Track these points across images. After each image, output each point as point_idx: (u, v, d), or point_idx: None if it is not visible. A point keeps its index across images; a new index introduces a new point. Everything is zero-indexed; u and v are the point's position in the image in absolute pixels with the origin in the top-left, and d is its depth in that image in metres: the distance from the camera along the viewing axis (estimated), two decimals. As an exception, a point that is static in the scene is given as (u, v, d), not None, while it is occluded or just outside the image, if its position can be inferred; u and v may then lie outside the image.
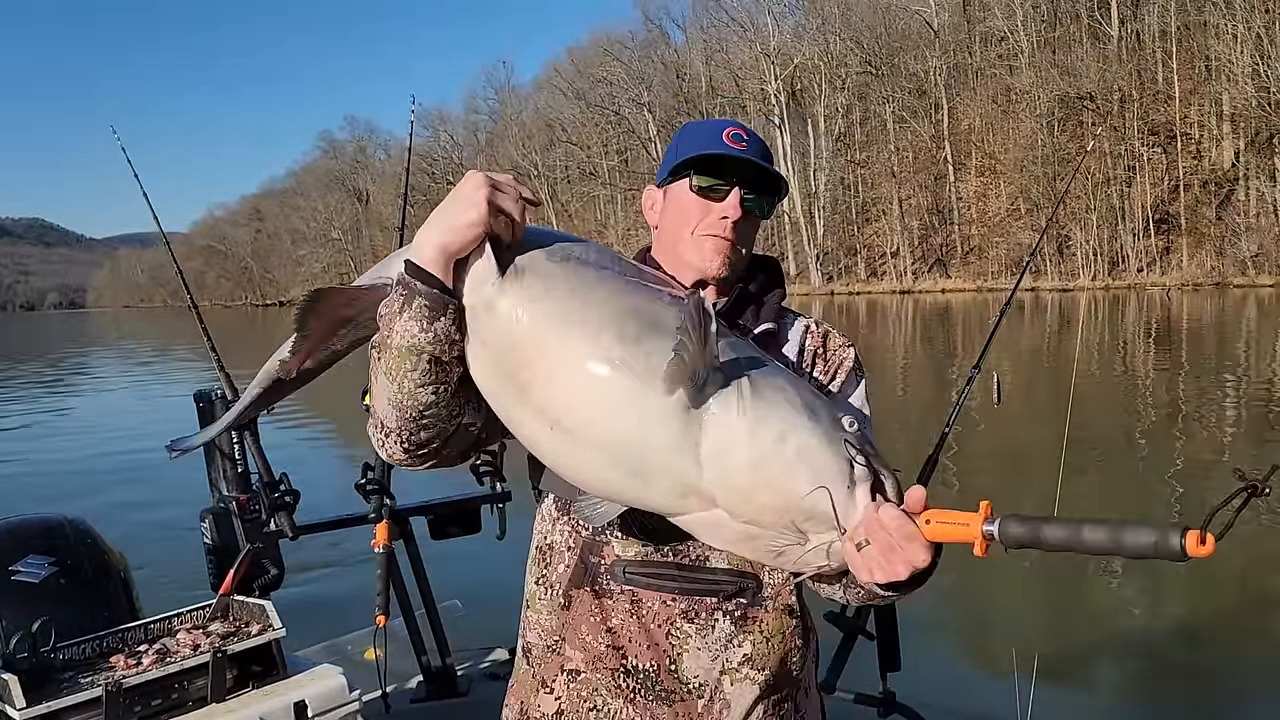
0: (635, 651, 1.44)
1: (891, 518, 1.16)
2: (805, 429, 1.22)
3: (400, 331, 1.31)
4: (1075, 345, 23.45)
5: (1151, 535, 1.03)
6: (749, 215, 1.56)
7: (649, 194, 1.67)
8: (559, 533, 1.52)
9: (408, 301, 1.31)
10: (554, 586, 1.51)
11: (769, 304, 1.62)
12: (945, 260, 69.99)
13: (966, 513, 1.13)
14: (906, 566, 1.16)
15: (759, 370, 1.28)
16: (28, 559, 2.80)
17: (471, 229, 1.30)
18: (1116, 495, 8.74)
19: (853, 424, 1.25)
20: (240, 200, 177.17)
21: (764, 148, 1.60)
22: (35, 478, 11.24)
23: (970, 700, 4.42)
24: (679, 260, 1.58)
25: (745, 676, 1.45)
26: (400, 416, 1.37)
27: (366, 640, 3.32)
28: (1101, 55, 63.11)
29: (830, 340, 1.64)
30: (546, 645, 1.51)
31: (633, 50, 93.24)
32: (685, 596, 1.44)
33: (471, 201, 1.30)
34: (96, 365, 32.21)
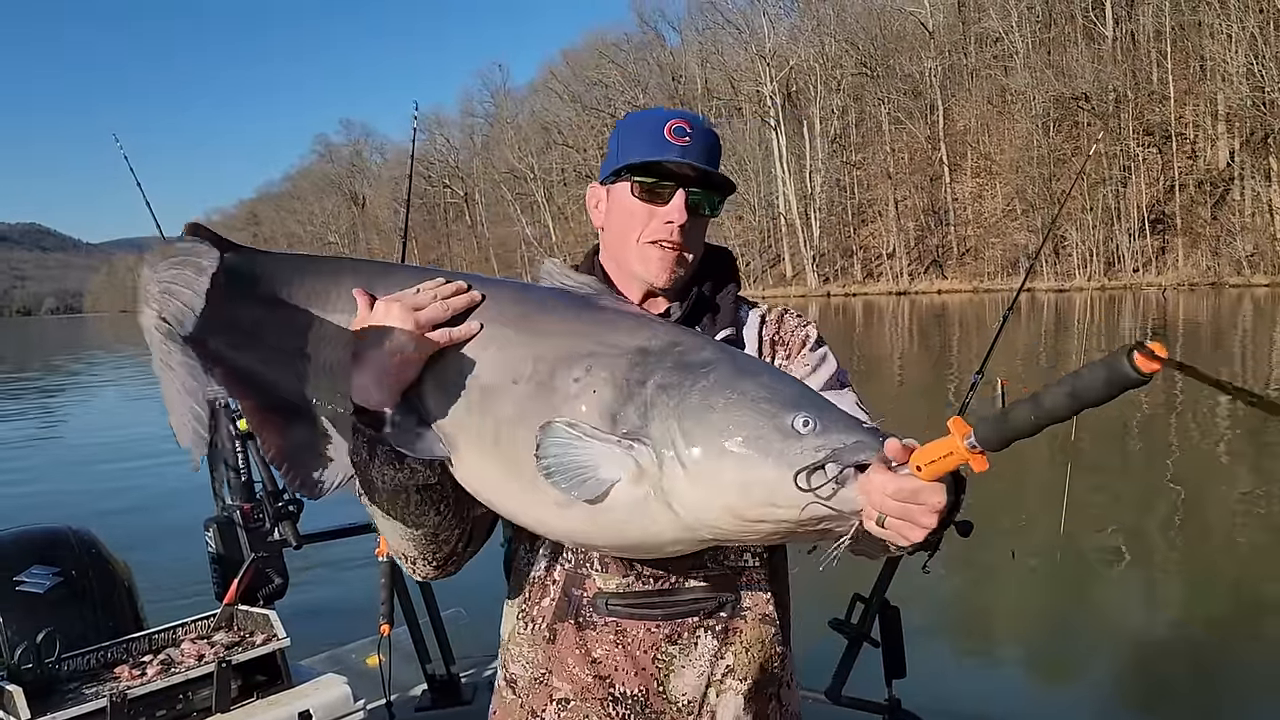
0: (622, 679, 1.44)
1: (887, 484, 1.12)
2: (759, 465, 1.17)
3: (378, 478, 1.31)
4: (1079, 345, 23.47)
5: (1103, 370, 1.00)
6: (696, 216, 1.53)
7: (593, 191, 1.62)
8: (541, 569, 1.51)
9: (372, 450, 1.29)
10: (536, 621, 1.50)
11: (725, 306, 1.60)
12: (941, 261, 70.02)
13: (943, 440, 1.11)
14: (932, 513, 1.13)
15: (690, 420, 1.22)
16: (32, 569, 2.81)
17: (413, 368, 1.28)
18: (1119, 496, 8.75)
19: (806, 423, 1.18)
20: (237, 205, 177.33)
21: (709, 140, 1.55)
22: (38, 487, 11.19)
23: (975, 707, 4.42)
24: (625, 270, 1.56)
25: (729, 687, 1.46)
26: (416, 544, 1.42)
27: (371, 649, 3.32)
28: (1096, 56, 63.18)
29: (786, 322, 1.62)
30: (533, 677, 1.50)
31: (628, 52, 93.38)
32: (669, 621, 1.45)
33: (404, 338, 1.27)
34: (96, 371, 32.15)
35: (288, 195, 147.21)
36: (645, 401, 1.24)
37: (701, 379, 1.25)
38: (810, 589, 1.68)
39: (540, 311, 1.36)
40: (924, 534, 1.14)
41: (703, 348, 1.31)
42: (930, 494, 1.11)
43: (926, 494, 1.11)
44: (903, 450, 1.13)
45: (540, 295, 1.40)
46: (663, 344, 1.30)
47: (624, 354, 1.28)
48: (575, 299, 1.39)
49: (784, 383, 1.30)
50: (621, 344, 1.29)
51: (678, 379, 1.25)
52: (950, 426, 1.11)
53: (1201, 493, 8.88)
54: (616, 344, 1.30)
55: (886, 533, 1.14)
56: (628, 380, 1.25)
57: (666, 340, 1.30)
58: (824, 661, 3.01)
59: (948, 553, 3.02)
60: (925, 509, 1.12)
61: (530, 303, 1.38)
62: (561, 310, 1.37)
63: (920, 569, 2.94)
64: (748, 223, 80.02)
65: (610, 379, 1.26)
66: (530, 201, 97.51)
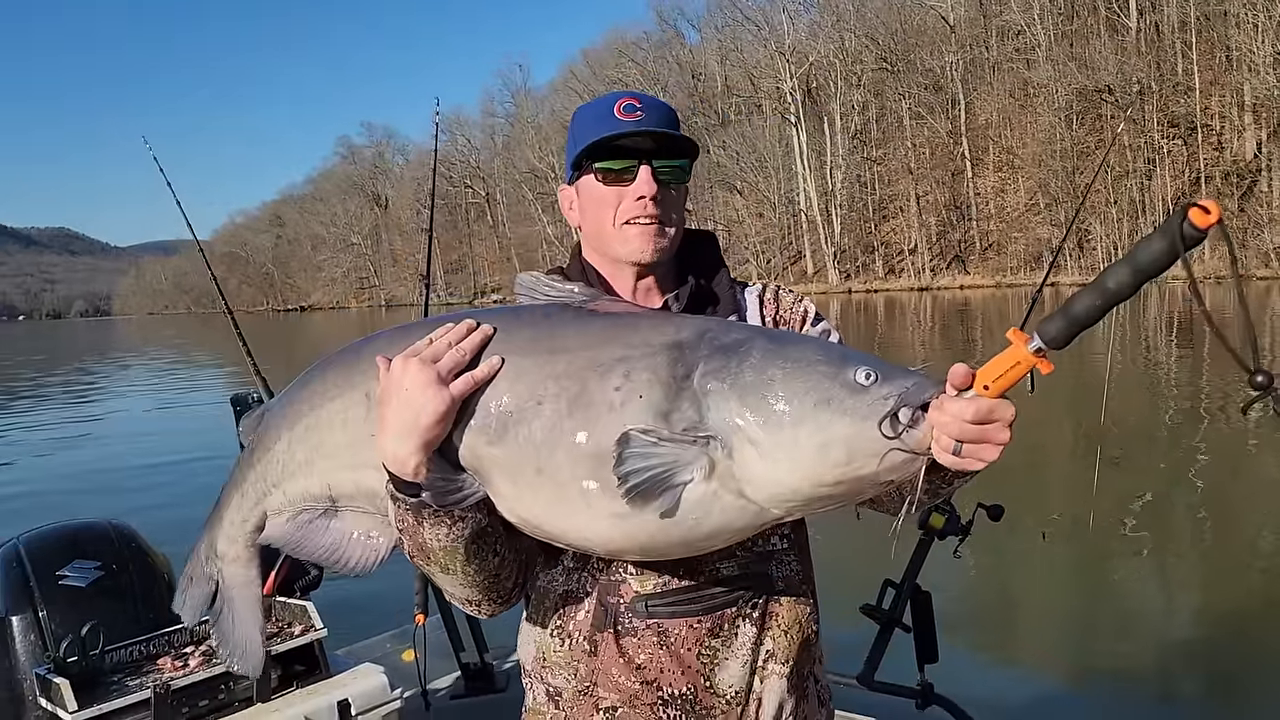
0: (669, 680, 1.42)
1: (965, 409, 1.12)
2: (837, 423, 1.17)
3: (431, 539, 1.30)
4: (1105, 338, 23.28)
5: (1160, 237, 1.02)
6: (666, 186, 1.50)
7: (564, 194, 1.60)
8: (572, 583, 1.46)
9: (419, 515, 1.29)
10: (572, 635, 1.46)
11: (723, 293, 1.58)
12: (964, 256, 69.60)
13: (1006, 353, 1.12)
14: (1007, 429, 1.14)
15: (752, 397, 1.20)
16: (75, 563, 2.85)
17: (443, 422, 1.26)
18: (1148, 484, 8.69)
19: (868, 375, 1.18)
20: (261, 206, 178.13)
21: (663, 110, 1.52)
22: (79, 484, 11.34)
23: (1007, 692, 4.42)
24: (610, 257, 1.54)
25: (772, 672, 1.46)
26: (480, 589, 1.40)
27: (405, 638, 3.36)
28: (1120, 47, 62.60)
29: (782, 299, 1.62)
30: (578, 690, 1.46)
31: (647, 51, 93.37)
32: (709, 615, 1.43)
33: (428, 395, 1.25)
34: (126, 373, 32.49)
35: (310, 197, 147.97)
36: (696, 393, 1.22)
37: (747, 357, 1.23)
38: (841, 574, 1.69)
39: (548, 329, 1.33)
40: (999, 452, 1.15)
41: (730, 329, 1.31)
42: (1004, 409, 1.13)
43: (1000, 410, 1.13)
44: (966, 375, 1.14)
45: (542, 313, 1.37)
46: (693, 333, 1.28)
47: (658, 351, 1.25)
48: (578, 310, 1.36)
49: (824, 343, 1.31)
50: (651, 341, 1.27)
51: (722, 362, 1.23)
52: (1010, 337, 1.13)
53: (1230, 481, 8.82)
54: (646, 343, 1.27)
55: (962, 461, 1.14)
56: (673, 376, 1.23)
57: (695, 329, 1.29)
58: (856, 647, 3.02)
59: (978, 538, 3.05)
60: (1000, 425, 1.13)
61: (536, 323, 1.35)
62: (571, 323, 1.33)
63: (952, 554, 2.95)
64: (768, 219, 79.81)
65: (655, 379, 1.23)
66: (551, 201, 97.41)
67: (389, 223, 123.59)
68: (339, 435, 1.38)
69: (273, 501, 1.47)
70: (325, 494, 1.42)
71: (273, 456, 1.46)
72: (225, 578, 1.56)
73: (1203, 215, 0.99)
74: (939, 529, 2.96)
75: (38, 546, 2.84)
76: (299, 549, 1.45)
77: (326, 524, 1.43)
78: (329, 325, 65.92)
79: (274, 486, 1.46)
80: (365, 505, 1.40)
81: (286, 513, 1.46)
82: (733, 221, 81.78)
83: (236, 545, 1.53)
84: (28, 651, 2.68)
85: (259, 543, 1.52)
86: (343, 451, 1.38)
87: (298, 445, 1.43)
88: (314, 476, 1.42)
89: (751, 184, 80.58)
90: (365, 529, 1.41)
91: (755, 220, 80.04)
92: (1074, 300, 1.10)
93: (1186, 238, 1.00)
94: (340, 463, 1.39)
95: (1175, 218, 1.01)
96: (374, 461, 1.31)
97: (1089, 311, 1.08)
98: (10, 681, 2.68)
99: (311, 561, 1.45)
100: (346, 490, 1.40)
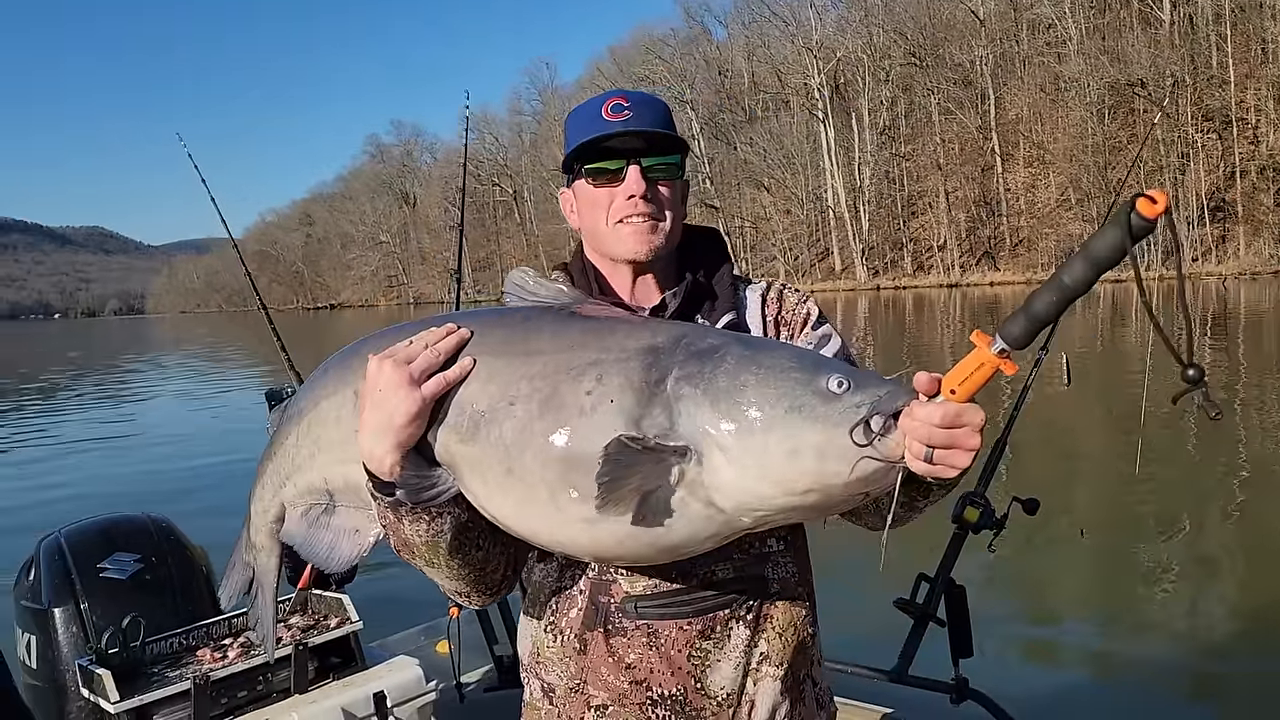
0: (659, 681, 1.42)
1: (932, 413, 1.11)
2: (808, 430, 1.16)
3: (412, 534, 1.33)
4: (1136, 335, 23.04)
5: (1111, 229, 1.03)
6: (657, 183, 1.50)
7: (564, 198, 1.61)
8: (565, 580, 1.47)
9: (397, 511, 1.31)
10: (564, 632, 1.46)
11: (722, 290, 1.57)
12: (994, 253, 69.06)
13: (970, 356, 1.12)
14: (977, 434, 1.13)
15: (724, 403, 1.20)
16: (115, 556, 2.89)
17: (415, 421, 1.27)
18: (1182, 482, 8.60)
19: (840, 383, 1.18)
20: (291, 205, 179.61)
21: (652, 108, 1.52)
22: (118, 478, 11.51)
23: (1043, 686, 4.40)
24: (608, 256, 1.54)
25: (766, 674, 1.45)
26: (466, 581, 1.42)
27: (438, 631, 3.37)
28: (1153, 40, 61.87)
29: (786, 300, 1.60)
30: (569, 686, 1.47)
31: (674, 48, 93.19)
32: (700, 617, 1.43)
33: (400, 395, 1.26)
34: (161, 370, 32.87)
35: (340, 195, 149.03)
36: (669, 398, 1.21)
37: (721, 363, 1.22)
38: (874, 569, 1.69)
39: (524, 331, 1.34)
40: (970, 458, 1.14)
41: (706, 335, 1.30)
42: (972, 413, 1.12)
43: (969, 414, 1.12)
44: (931, 381, 1.13)
45: (521, 315, 1.37)
46: (668, 338, 1.27)
47: (633, 356, 1.25)
48: (558, 313, 1.36)
49: (799, 351, 1.31)
50: (625, 346, 1.26)
51: (696, 368, 1.22)
52: (974, 340, 1.13)
53: (1270, 476, 8.71)
54: (621, 347, 1.26)
55: (935, 468, 1.14)
56: (646, 381, 1.22)
57: (671, 334, 1.28)
58: (889, 641, 3.01)
59: (1013, 532, 3.03)
60: (970, 429, 1.12)
61: (512, 325, 1.36)
62: (548, 326, 1.33)
63: (986, 548, 2.94)
64: (795, 216, 79.56)
65: (627, 383, 1.22)
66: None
67: (417, 221, 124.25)
68: (333, 431, 1.42)
69: (287, 493, 1.53)
70: (324, 488, 1.47)
71: (285, 450, 1.52)
72: (257, 566, 1.64)
73: (1150, 205, 1.00)
74: (973, 523, 2.94)
75: (79, 539, 2.88)
76: (306, 548, 1.50)
77: (328, 520, 1.48)
78: (358, 323, 66.31)
79: (287, 479, 1.52)
80: (354, 499, 1.43)
81: (300, 506, 1.51)
82: (760, 218, 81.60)
83: (261, 535, 1.61)
84: (70, 643, 2.72)
85: (281, 539, 1.58)
86: (336, 446, 1.42)
87: (303, 440, 1.48)
88: (315, 471, 1.47)
89: (779, 180, 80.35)
90: (354, 525, 1.45)
91: (783, 217, 79.79)
92: (1033, 299, 1.11)
93: (1135, 229, 1.01)
94: (334, 457, 1.43)
95: (1124, 209, 1.02)
96: (359, 456, 1.34)
97: (1048, 308, 1.09)
98: (54, 672, 2.72)
99: (315, 562, 1.50)
100: (338, 484, 1.44)
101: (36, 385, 29.00)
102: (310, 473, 1.47)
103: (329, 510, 1.47)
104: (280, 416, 1.56)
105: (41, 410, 21.20)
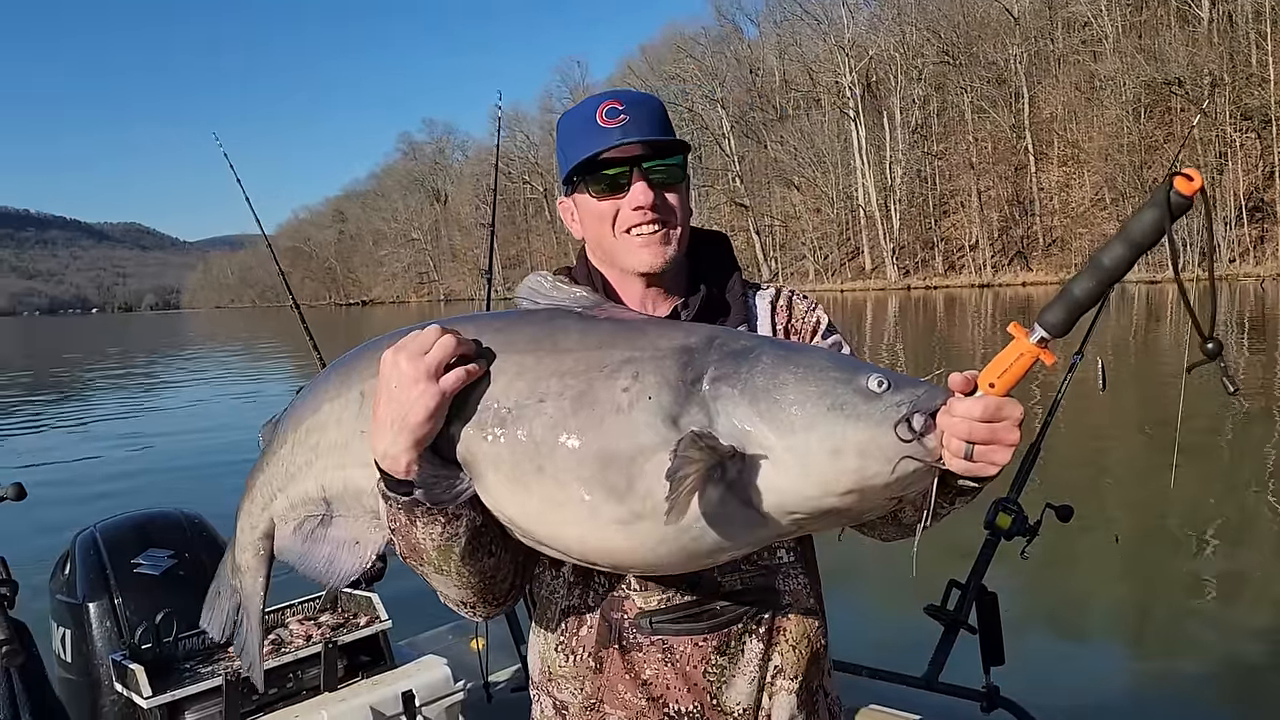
0: (675, 698, 1.40)
1: (972, 408, 1.10)
2: (851, 429, 1.14)
3: (424, 539, 1.27)
4: (1172, 335, 22.76)
5: (1149, 210, 1.04)
6: (663, 190, 1.45)
7: (563, 207, 1.56)
8: (575, 597, 1.43)
9: (411, 514, 1.25)
10: (578, 652, 1.44)
11: (734, 302, 1.53)
12: (1026, 253, 68.44)
13: (1008, 348, 1.11)
14: (1016, 428, 1.12)
15: (764, 402, 1.17)
16: (149, 552, 2.91)
17: (434, 418, 1.21)
18: (1219, 488, 8.48)
19: (880, 382, 1.16)
20: (324, 202, 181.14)
21: (648, 108, 1.47)
22: (151, 474, 11.62)
23: (1075, 695, 4.35)
24: (618, 267, 1.50)
25: (780, 687, 1.44)
26: (473, 590, 1.36)
27: (466, 630, 3.38)
28: (1191, 38, 61.03)
29: (795, 308, 1.58)
30: (584, 705, 1.44)
31: (705, 46, 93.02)
32: (715, 633, 1.41)
33: (417, 390, 1.20)
34: (195, 365, 33.25)
35: (373, 193, 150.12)
36: (706, 397, 1.18)
37: (757, 362, 1.20)
38: (903, 575, 1.67)
39: (550, 329, 1.30)
40: (1009, 454, 1.12)
41: (738, 336, 1.28)
42: (1011, 406, 1.11)
43: (1008, 407, 1.11)
44: (967, 380, 1.13)
45: (545, 314, 1.34)
46: (701, 339, 1.25)
47: (667, 355, 1.22)
48: (582, 315, 1.33)
49: (832, 353, 1.30)
50: (659, 345, 1.24)
51: (732, 368, 1.20)
52: (1012, 330, 1.12)
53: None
54: (654, 346, 1.24)
55: (974, 466, 1.12)
56: (683, 380, 1.19)
57: (703, 335, 1.26)
58: (920, 647, 2.98)
59: (1045, 539, 2.99)
60: (1010, 423, 1.11)
61: (538, 323, 1.32)
62: (574, 325, 1.30)
63: (1019, 555, 2.91)
64: (825, 215, 79.22)
65: (664, 381, 1.19)
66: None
67: (448, 218, 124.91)
68: (332, 434, 1.37)
69: (278, 507, 1.46)
70: (320, 495, 1.40)
71: (278, 461, 1.45)
72: (243, 589, 1.55)
73: (1186, 183, 1.02)
74: (1005, 529, 2.90)
75: (113, 535, 2.91)
76: (303, 564, 1.43)
77: (324, 533, 1.41)
78: (390, 320, 66.76)
79: (279, 491, 1.45)
80: (354, 507, 1.37)
81: (291, 520, 1.44)
82: (790, 217, 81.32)
83: (247, 554, 1.52)
84: (104, 638, 2.74)
85: (272, 555, 1.50)
86: (336, 450, 1.36)
87: (299, 448, 1.42)
88: (311, 479, 1.40)
89: (809, 179, 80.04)
90: (353, 536, 1.39)
91: (813, 216, 79.46)
92: (1071, 284, 1.10)
93: (1174, 206, 1.03)
94: (333, 462, 1.37)
95: (1162, 187, 1.04)
96: (361, 459, 1.30)
97: (1087, 292, 1.09)
98: (88, 666, 2.75)
99: (313, 578, 1.43)
100: (337, 491, 1.38)
101: (75, 379, 29.40)
102: (306, 481, 1.41)
103: (325, 522, 1.41)
104: (271, 430, 1.49)
105: (80, 404, 21.48)
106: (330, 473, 1.37)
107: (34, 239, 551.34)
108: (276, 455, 1.45)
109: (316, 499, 1.40)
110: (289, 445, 1.43)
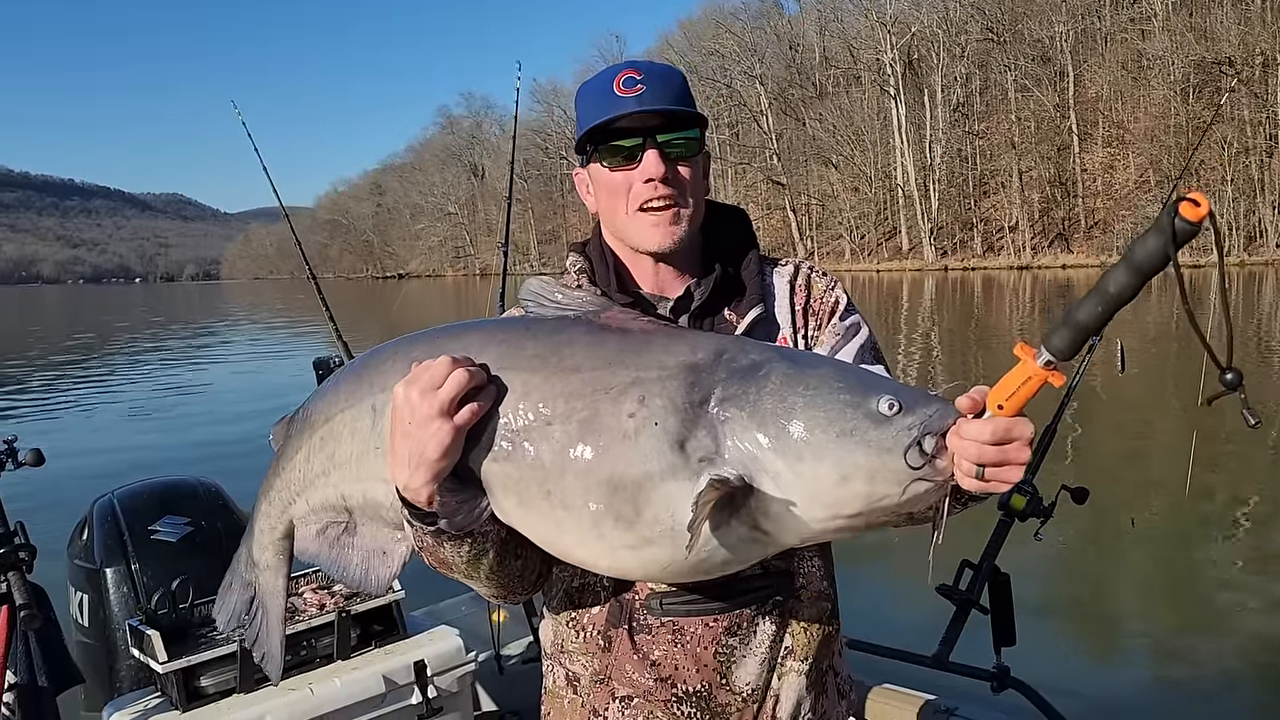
0: (684, 678, 1.41)
1: (983, 430, 1.09)
2: (861, 455, 1.13)
3: (452, 556, 1.30)
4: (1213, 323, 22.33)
5: (1154, 235, 1.01)
6: (676, 163, 1.43)
7: (578, 179, 1.54)
8: (587, 576, 1.44)
9: (437, 538, 1.27)
10: (588, 629, 1.45)
11: (750, 281, 1.51)
12: (1067, 235, 67.50)
13: (1015, 370, 1.10)
14: (1026, 447, 1.11)
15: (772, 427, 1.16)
16: (166, 519, 2.95)
17: (450, 454, 1.21)
18: (1239, 474, 8.36)
19: (891, 405, 1.14)
20: (362, 175, 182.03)
21: (666, 78, 1.44)
22: (170, 442, 11.77)
23: (1085, 676, 4.34)
24: (628, 245, 1.49)
25: (790, 669, 1.44)
26: (504, 587, 1.40)
27: (478, 601, 3.41)
28: (1243, 17, 59.64)
29: (814, 287, 1.55)
30: (594, 679, 1.46)
31: (745, 21, 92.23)
32: (726, 614, 1.41)
33: (431, 429, 1.19)
34: (228, 334, 33.65)
35: (410, 166, 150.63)
36: (713, 420, 1.17)
37: (765, 382, 1.19)
38: (916, 554, 1.66)
39: (556, 345, 1.27)
40: (1021, 472, 1.11)
41: (747, 349, 1.25)
42: (1021, 427, 1.10)
43: (1018, 428, 1.10)
44: (975, 403, 1.11)
45: (551, 327, 1.31)
46: (708, 355, 1.23)
47: (673, 375, 1.20)
48: (589, 324, 1.30)
49: (844, 367, 1.28)
50: (665, 364, 1.21)
51: (740, 388, 1.19)
52: (1018, 352, 1.10)
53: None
54: (660, 365, 1.21)
55: (986, 485, 1.12)
56: (689, 403, 1.18)
57: (711, 350, 1.24)
58: (931, 627, 2.98)
59: (1059, 521, 2.97)
60: (1020, 444, 1.10)
61: (543, 338, 1.29)
62: (580, 339, 1.28)
63: (1033, 536, 2.89)
64: (863, 194, 78.52)
65: (670, 405, 1.18)
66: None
67: (485, 193, 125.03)
68: (348, 446, 1.37)
69: (297, 510, 1.46)
70: (341, 505, 1.40)
71: (294, 465, 1.45)
72: (261, 585, 1.56)
73: (1193, 209, 0.98)
74: (1020, 510, 2.88)
75: (131, 502, 2.95)
76: (338, 571, 1.43)
77: (351, 541, 1.42)
78: (426, 292, 67.14)
79: (297, 495, 1.45)
80: (375, 517, 1.38)
81: (313, 523, 1.45)
82: (827, 196, 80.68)
83: (267, 553, 1.53)
84: (120, 602, 2.79)
85: (294, 554, 1.51)
86: (352, 463, 1.36)
87: (315, 455, 1.42)
88: (329, 487, 1.40)
89: (847, 157, 79.34)
90: (379, 546, 1.39)
91: (850, 195, 78.78)
92: (1078, 308, 1.08)
93: (1179, 233, 0.99)
94: (350, 474, 1.37)
95: (1167, 213, 1.00)
96: (379, 474, 1.30)
97: (1093, 318, 1.06)
98: (105, 631, 2.81)
99: (350, 586, 1.47)
100: (357, 502, 1.38)
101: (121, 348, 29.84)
102: (325, 489, 1.41)
103: (350, 530, 1.42)
104: (286, 429, 1.49)
105: (116, 372, 21.80)
106: (349, 484, 1.38)
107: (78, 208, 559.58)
108: (292, 460, 1.45)
109: (338, 507, 1.41)
110: (304, 452, 1.43)
